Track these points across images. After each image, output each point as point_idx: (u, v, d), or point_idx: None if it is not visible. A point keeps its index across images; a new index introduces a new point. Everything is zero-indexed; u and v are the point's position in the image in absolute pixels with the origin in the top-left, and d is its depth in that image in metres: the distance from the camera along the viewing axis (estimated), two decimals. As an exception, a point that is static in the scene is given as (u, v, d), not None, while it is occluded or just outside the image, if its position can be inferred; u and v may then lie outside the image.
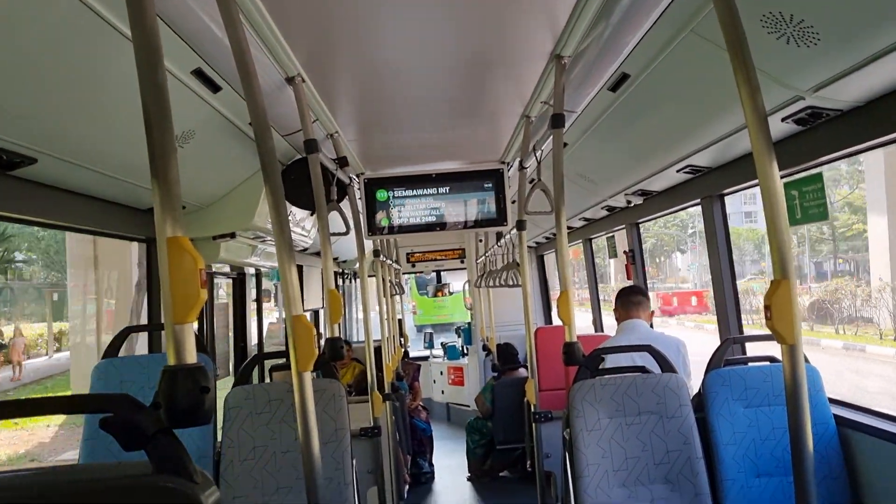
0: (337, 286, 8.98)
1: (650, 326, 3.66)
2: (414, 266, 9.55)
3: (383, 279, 5.68)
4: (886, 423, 2.54)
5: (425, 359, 10.26)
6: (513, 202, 4.68)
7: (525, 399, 5.03)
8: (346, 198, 3.78)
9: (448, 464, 7.17)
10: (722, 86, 2.33)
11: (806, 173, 2.66)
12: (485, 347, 8.31)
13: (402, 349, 8.03)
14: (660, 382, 2.76)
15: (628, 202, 4.51)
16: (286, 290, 1.86)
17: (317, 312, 7.87)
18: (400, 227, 4.50)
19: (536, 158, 3.47)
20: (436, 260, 9.52)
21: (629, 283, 4.83)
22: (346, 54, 2.56)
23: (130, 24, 1.11)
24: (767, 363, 2.91)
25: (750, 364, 2.94)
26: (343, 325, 9.77)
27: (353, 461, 2.93)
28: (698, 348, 3.06)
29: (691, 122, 2.88)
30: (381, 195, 4.49)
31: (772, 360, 2.92)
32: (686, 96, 2.69)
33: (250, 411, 2.92)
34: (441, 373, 9.86)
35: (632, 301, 3.59)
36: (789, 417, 1.40)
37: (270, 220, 1.88)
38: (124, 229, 3.29)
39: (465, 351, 9.61)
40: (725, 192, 3.49)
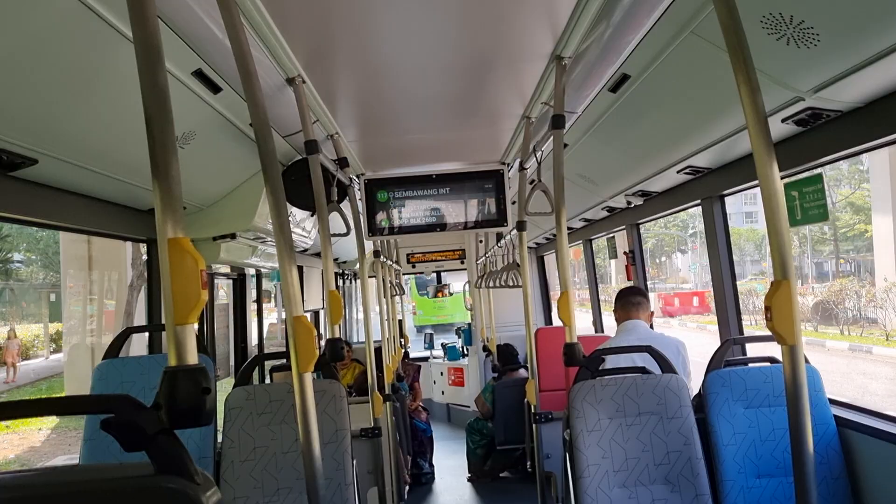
0: (337, 287, 8.97)
1: (650, 327, 3.66)
2: (414, 267, 9.54)
3: (383, 280, 5.68)
4: (887, 423, 2.54)
5: (425, 359, 10.25)
6: (513, 203, 4.68)
7: (525, 400, 5.03)
8: (347, 198, 3.78)
9: (448, 464, 7.17)
10: (722, 87, 2.33)
11: (806, 174, 2.66)
12: (485, 348, 8.30)
13: (403, 350, 8.03)
14: (660, 383, 2.76)
15: (628, 203, 4.51)
16: (287, 290, 1.86)
17: (317, 313, 7.87)
18: (400, 228, 4.50)
19: (537, 159, 3.48)
20: (436, 261, 9.51)
21: (630, 284, 4.84)
22: (346, 55, 2.56)
23: (131, 25, 1.11)
24: (768, 364, 2.91)
25: (750, 365, 2.94)
26: (343, 326, 9.76)
27: (354, 462, 2.93)
28: (701, 349, 3.05)
29: (691, 122, 2.88)
30: (381, 196, 4.49)
31: (772, 360, 2.92)
32: (686, 97, 2.69)
33: (251, 412, 2.93)
34: (441, 373, 9.85)
35: (631, 302, 3.58)
36: (790, 418, 1.40)
37: (271, 221, 1.88)
38: (125, 230, 3.30)
39: (466, 352, 9.60)
40: (726, 192, 3.49)
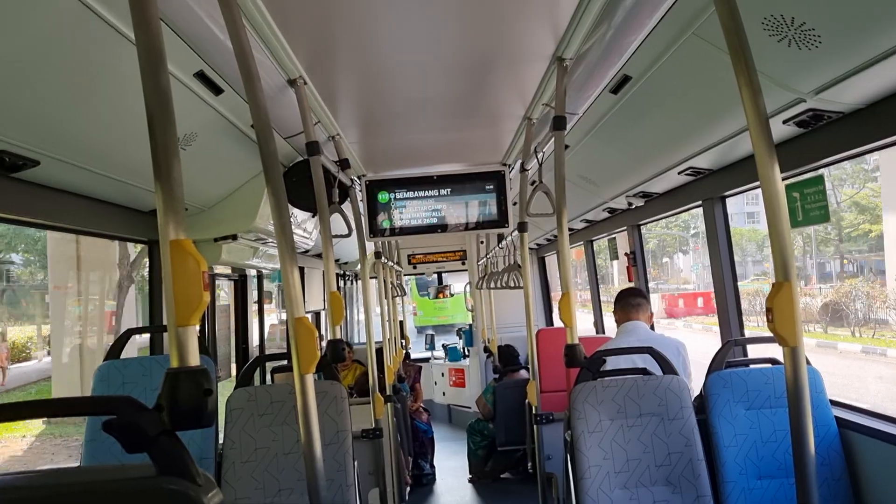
0: (338, 288, 8.97)
1: (650, 328, 3.66)
2: (415, 268, 9.54)
3: (384, 281, 5.68)
4: (888, 424, 2.54)
5: (426, 360, 10.25)
6: (514, 204, 4.68)
7: (526, 401, 5.03)
8: (348, 200, 3.78)
9: (449, 465, 7.16)
10: (723, 88, 2.33)
11: (807, 175, 2.66)
12: (486, 349, 8.30)
13: (404, 351, 8.02)
14: (661, 384, 2.76)
15: (630, 204, 4.51)
16: (288, 291, 1.86)
17: (318, 314, 7.87)
18: (401, 229, 4.50)
19: (538, 160, 3.48)
20: (437, 261, 9.50)
21: (631, 285, 4.84)
22: (347, 57, 2.57)
23: (134, 27, 1.12)
24: (769, 365, 2.91)
25: (751, 366, 2.94)
26: (344, 327, 9.76)
27: (355, 463, 2.93)
28: (707, 351, 3.05)
29: (693, 124, 2.88)
30: (382, 197, 4.50)
31: (773, 361, 2.92)
32: (687, 98, 2.69)
33: (252, 413, 2.93)
34: (442, 374, 9.85)
35: (631, 303, 3.59)
36: (791, 419, 1.39)
37: (272, 222, 1.87)
38: (126, 231, 3.30)
39: (467, 352, 9.60)
40: (727, 193, 3.49)
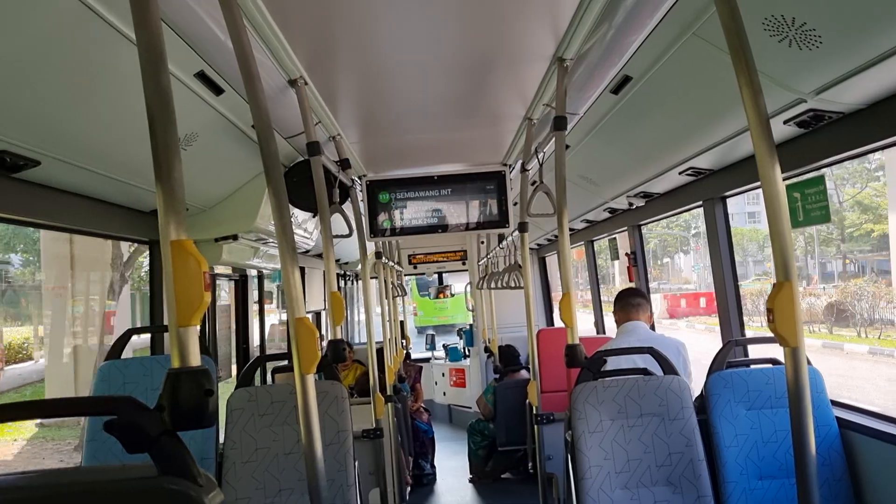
0: (339, 288, 8.96)
1: (650, 328, 3.66)
2: (416, 268, 9.54)
3: (385, 281, 5.68)
4: (888, 425, 2.54)
5: (427, 360, 10.25)
6: (514, 204, 4.68)
7: (527, 401, 5.03)
8: (349, 200, 3.78)
9: (450, 465, 7.16)
10: (724, 88, 2.33)
11: (808, 175, 2.66)
12: (486, 349, 8.30)
13: (404, 351, 8.02)
14: (662, 384, 2.76)
15: (630, 204, 4.51)
16: (289, 292, 1.86)
17: (318, 314, 7.87)
18: (402, 229, 4.50)
19: (538, 160, 3.48)
20: (437, 262, 9.50)
21: (631, 285, 4.84)
22: (348, 57, 2.57)
23: (135, 27, 1.12)
24: (770, 365, 2.91)
25: (752, 366, 2.94)
26: (344, 327, 9.76)
27: (356, 463, 2.93)
28: (710, 352, 3.05)
29: (693, 124, 2.88)
30: (383, 197, 4.50)
31: (774, 362, 2.92)
32: (688, 99, 2.69)
33: (253, 413, 2.93)
34: (443, 374, 9.85)
35: (631, 303, 3.59)
36: (792, 420, 1.39)
37: (272, 223, 1.87)
38: (127, 231, 3.30)
39: (467, 353, 9.60)
40: (727, 194, 3.49)
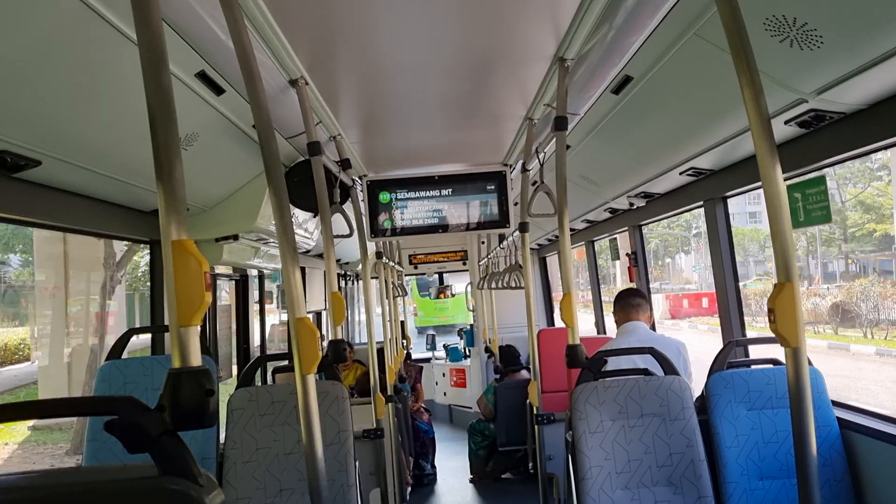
0: (339, 288, 8.95)
1: (650, 328, 3.66)
2: (416, 268, 9.53)
3: (385, 281, 5.68)
4: (889, 425, 2.54)
5: (427, 360, 10.25)
6: (515, 204, 4.68)
7: (527, 401, 5.03)
8: (349, 200, 3.78)
9: (450, 465, 7.16)
10: (725, 88, 2.33)
11: (809, 176, 2.66)
12: (487, 349, 8.30)
13: (405, 351, 8.01)
14: (663, 385, 2.76)
15: (631, 204, 4.51)
16: (289, 292, 1.86)
17: (319, 314, 7.87)
18: (402, 229, 4.50)
19: (539, 160, 3.48)
20: (438, 262, 9.50)
21: (632, 285, 4.84)
22: (348, 57, 2.57)
23: (136, 27, 1.12)
24: (770, 366, 2.91)
25: (753, 367, 2.94)
26: (345, 327, 9.75)
27: (356, 463, 2.93)
28: (713, 353, 3.05)
29: (694, 124, 2.88)
30: (383, 197, 4.50)
31: (775, 362, 2.92)
32: (689, 99, 2.69)
33: (253, 413, 2.93)
34: (443, 374, 9.85)
35: (631, 303, 3.59)
36: (793, 420, 1.39)
37: (273, 223, 1.87)
38: (128, 231, 3.30)
39: (468, 353, 9.60)
40: (728, 194, 3.48)
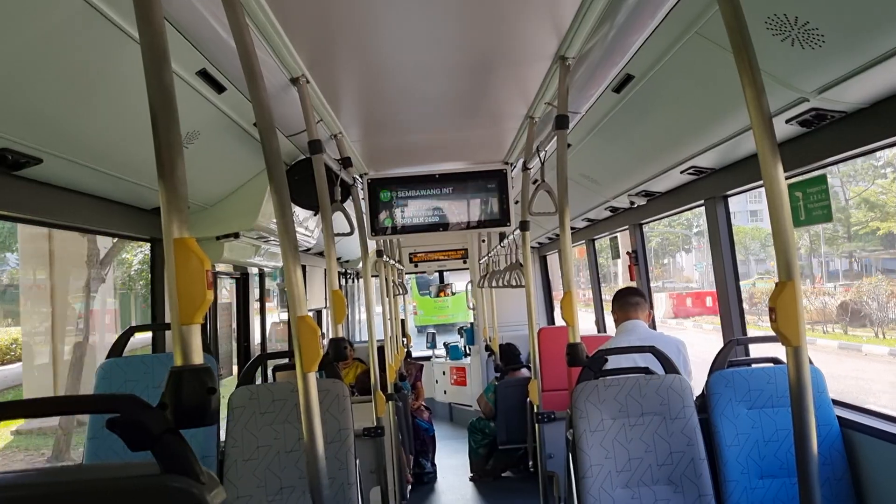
0: (340, 286, 8.94)
1: (649, 327, 3.67)
2: (416, 266, 9.54)
3: (386, 279, 5.68)
4: (889, 424, 2.54)
5: (428, 359, 10.25)
6: (516, 203, 4.68)
7: (528, 399, 5.03)
8: (350, 198, 3.78)
9: (450, 464, 7.17)
10: (726, 87, 2.33)
11: (810, 175, 2.66)
12: (487, 348, 8.31)
13: (405, 349, 8.02)
14: (663, 384, 2.76)
15: (632, 203, 4.51)
16: (291, 290, 1.86)
17: (319, 312, 7.87)
18: (403, 228, 4.50)
19: (540, 159, 3.47)
20: (438, 260, 9.50)
21: (632, 284, 4.84)
22: (350, 55, 2.57)
23: (138, 26, 1.12)
24: (771, 365, 2.91)
25: (753, 366, 2.94)
26: (345, 325, 9.76)
27: (357, 461, 2.93)
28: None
29: (695, 123, 2.88)
30: (384, 195, 4.50)
31: (775, 361, 2.92)
32: (690, 98, 2.68)
33: (254, 411, 2.93)
34: (443, 373, 9.86)
35: (630, 302, 3.60)
36: (794, 419, 1.39)
37: (274, 221, 1.87)
38: (129, 230, 3.30)
39: (468, 351, 9.61)
40: (729, 193, 3.48)
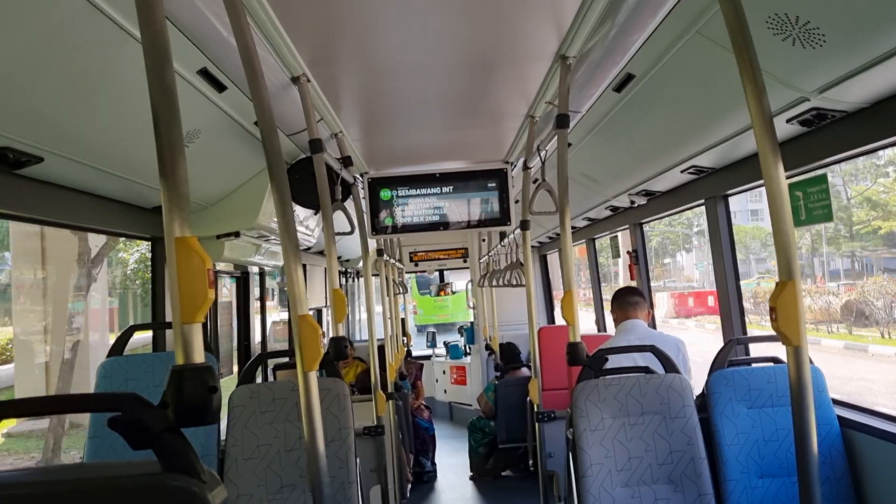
0: (340, 285, 8.95)
1: (649, 326, 3.67)
2: (417, 265, 9.54)
3: (386, 278, 5.68)
4: (890, 424, 2.54)
5: (428, 358, 10.26)
6: (516, 202, 4.68)
7: (528, 398, 5.04)
8: (351, 197, 3.78)
9: (450, 463, 7.17)
10: (727, 87, 2.33)
11: (810, 174, 2.66)
12: (487, 347, 8.31)
13: (405, 348, 8.02)
14: (663, 383, 2.76)
15: (632, 202, 4.51)
16: (291, 289, 1.85)
17: (320, 311, 7.88)
18: (403, 227, 4.50)
19: (541, 158, 3.47)
20: (439, 259, 9.50)
21: (632, 284, 4.84)
22: (350, 54, 2.57)
23: (139, 25, 1.12)
24: (771, 364, 2.91)
25: (754, 365, 2.94)
26: (345, 324, 9.76)
27: (357, 460, 2.94)
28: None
29: (696, 122, 2.88)
30: (384, 194, 4.50)
31: (775, 360, 2.92)
32: (691, 97, 2.69)
33: (254, 410, 2.94)
34: (444, 372, 9.86)
35: (629, 302, 3.60)
36: (794, 418, 1.39)
37: (275, 220, 1.87)
38: (130, 228, 3.30)
39: (468, 350, 9.61)
40: (729, 192, 3.49)
